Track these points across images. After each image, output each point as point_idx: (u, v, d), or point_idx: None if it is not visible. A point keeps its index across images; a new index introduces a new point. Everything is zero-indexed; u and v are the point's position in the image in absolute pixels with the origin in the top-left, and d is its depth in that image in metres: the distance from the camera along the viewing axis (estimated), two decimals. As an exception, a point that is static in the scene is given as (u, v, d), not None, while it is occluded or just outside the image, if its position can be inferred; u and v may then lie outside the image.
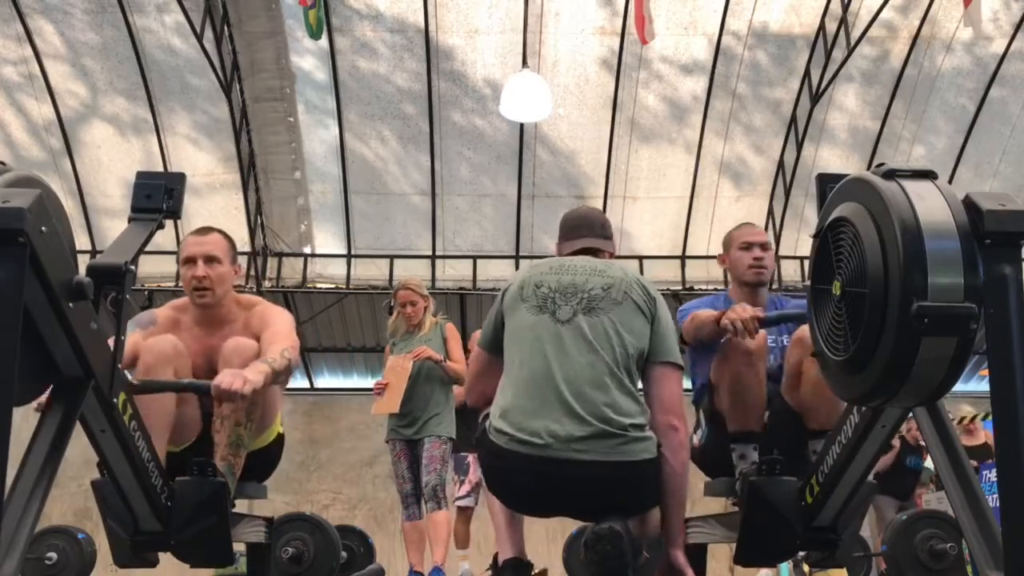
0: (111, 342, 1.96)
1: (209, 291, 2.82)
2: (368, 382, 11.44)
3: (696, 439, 2.99)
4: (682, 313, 3.03)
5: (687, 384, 3.10)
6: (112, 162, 10.25)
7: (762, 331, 2.66)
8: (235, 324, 2.90)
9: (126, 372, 2.40)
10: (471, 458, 5.35)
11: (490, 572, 4.73)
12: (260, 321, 2.89)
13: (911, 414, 2.03)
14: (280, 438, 3.07)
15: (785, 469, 2.51)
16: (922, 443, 6.67)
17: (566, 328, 2.26)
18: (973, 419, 7.70)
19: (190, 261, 2.84)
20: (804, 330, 2.69)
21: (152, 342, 2.69)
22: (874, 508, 6.91)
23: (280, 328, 2.82)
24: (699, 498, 3.13)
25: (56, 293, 1.61)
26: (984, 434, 7.44)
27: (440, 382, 4.71)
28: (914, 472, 7.30)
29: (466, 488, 5.39)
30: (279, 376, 2.66)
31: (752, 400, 2.68)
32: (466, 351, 4.85)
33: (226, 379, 2.41)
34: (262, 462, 2.96)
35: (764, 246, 3.06)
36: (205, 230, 2.97)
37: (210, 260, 2.83)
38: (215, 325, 2.89)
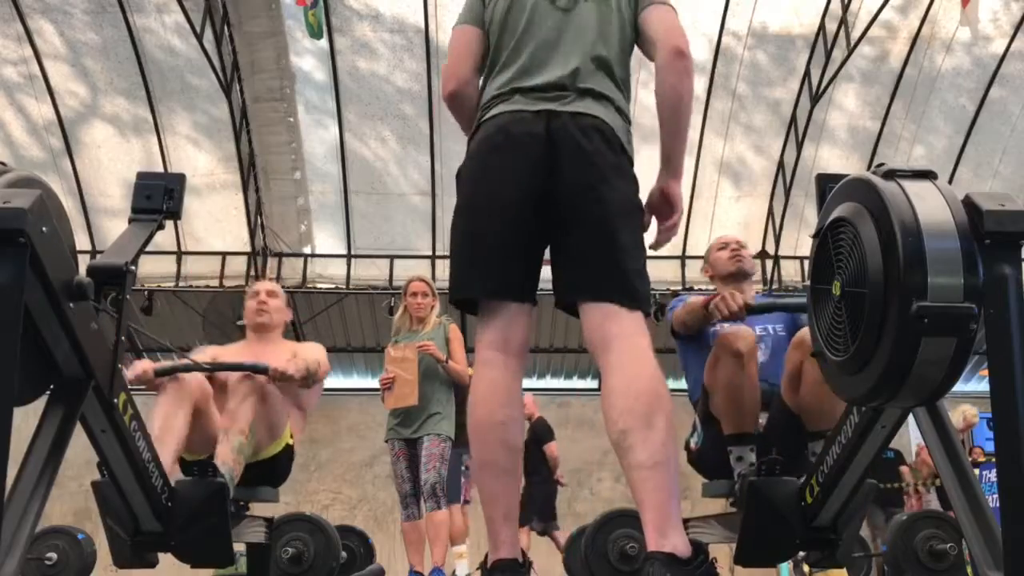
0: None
1: (267, 313, 3.55)
2: (368, 382, 11.45)
3: (693, 442, 3.02)
4: (674, 304, 3.12)
5: (681, 384, 3.16)
6: (112, 162, 10.25)
7: (751, 333, 2.70)
8: (281, 346, 3.57)
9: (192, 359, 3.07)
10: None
11: (479, 573, 4.71)
12: (301, 347, 3.57)
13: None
14: (289, 449, 3.28)
15: (784, 470, 2.51)
16: None
17: (568, 15, 2.04)
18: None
19: (256, 293, 3.64)
20: (804, 332, 2.72)
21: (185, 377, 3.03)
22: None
23: (317, 353, 3.43)
24: (698, 499, 3.14)
25: (56, 293, 1.61)
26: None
27: (440, 381, 4.70)
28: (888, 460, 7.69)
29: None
30: (311, 372, 3.19)
31: (746, 402, 2.69)
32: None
33: (280, 364, 3.07)
34: (272, 471, 3.22)
35: (739, 242, 3.30)
36: (269, 280, 3.64)
37: (271, 293, 3.65)
38: (263, 344, 3.55)
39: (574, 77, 1.99)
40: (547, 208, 1.94)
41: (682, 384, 3.16)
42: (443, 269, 10.81)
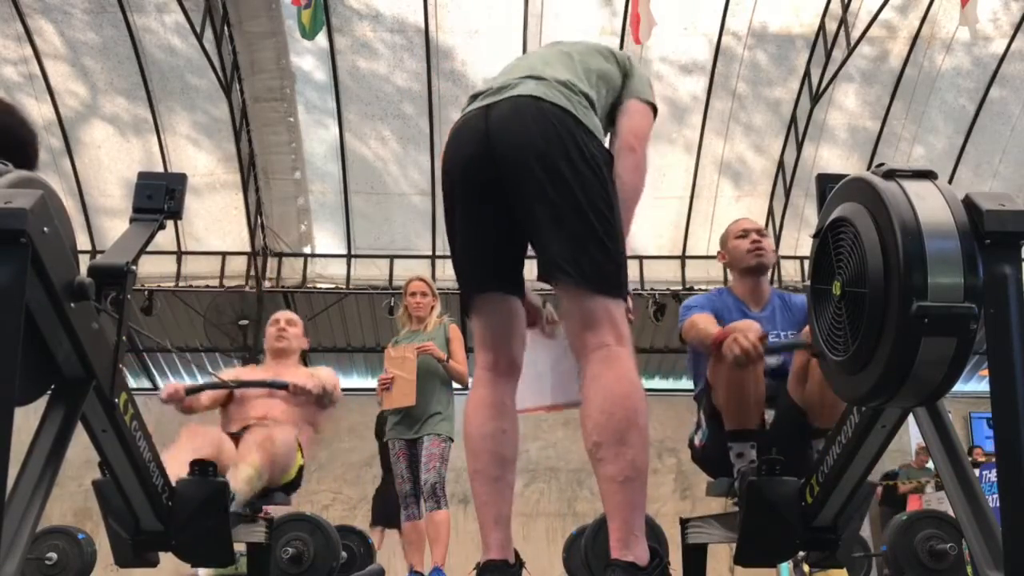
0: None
1: (286, 339, 3.94)
2: (368, 382, 11.45)
3: (697, 439, 2.98)
4: (684, 311, 3.01)
5: (688, 384, 3.08)
6: (112, 162, 10.25)
7: (759, 328, 2.58)
8: (298, 370, 3.88)
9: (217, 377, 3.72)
10: None
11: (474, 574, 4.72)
12: (317, 371, 3.89)
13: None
14: (300, 471, 3.55)
15: (786, 469, 2.50)
16: None
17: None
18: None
19: (276, 321, 4.03)
20: None
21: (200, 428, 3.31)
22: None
23: (333, 378, 3.82)
24: (700, 497, 3.15)
25: (58, 293, 1.61)
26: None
27: (441, 381, 4.70)
28: None
29: None
30: (327, 392, 3.67)
31: (749, 399, 2.63)
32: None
33: (300, 379, 3.57)
34: (287, 488, 3.50)
35: (760, 232, 3.09)
36: (289, 312, 4.29)
37: (290, 322, 4.05)
38: (281, 368, 3.86)
39: (521, 74, 2.08)
40: (502, 198, 1.99)
41: (674, 384, 3.17)
42: (443, 269, 10.81)
